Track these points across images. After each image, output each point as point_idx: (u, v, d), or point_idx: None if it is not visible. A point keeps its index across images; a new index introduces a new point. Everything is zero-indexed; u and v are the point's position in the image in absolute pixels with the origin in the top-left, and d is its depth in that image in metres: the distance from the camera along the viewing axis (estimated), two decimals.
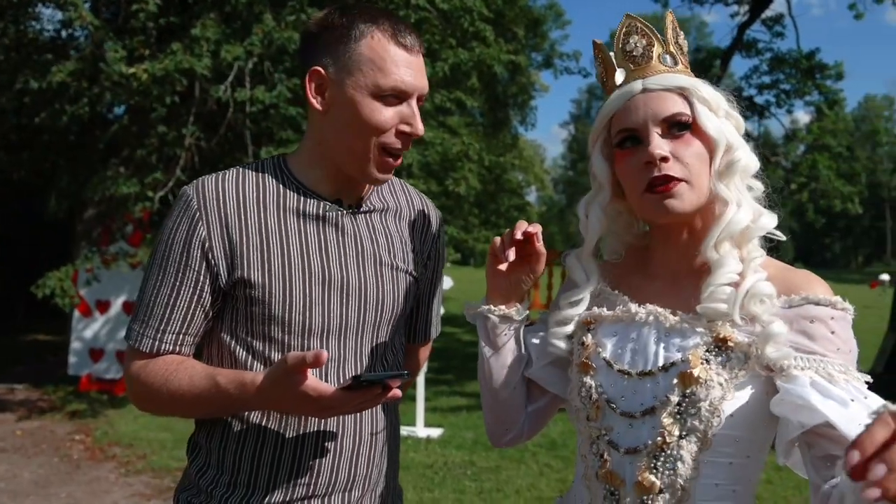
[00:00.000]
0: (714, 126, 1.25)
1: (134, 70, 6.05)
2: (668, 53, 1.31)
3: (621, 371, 1.26)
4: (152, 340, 1.42)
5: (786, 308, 1.21)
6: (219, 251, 1.41)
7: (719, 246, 1.24)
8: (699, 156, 1.25)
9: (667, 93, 1.26)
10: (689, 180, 1.24)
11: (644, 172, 1.24)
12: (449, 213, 10.67)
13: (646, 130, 1.25)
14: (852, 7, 15.94)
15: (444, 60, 6.51)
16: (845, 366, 1.16)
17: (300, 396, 1.26)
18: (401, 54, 1.39)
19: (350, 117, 1.40)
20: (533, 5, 15.76)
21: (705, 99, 1.26)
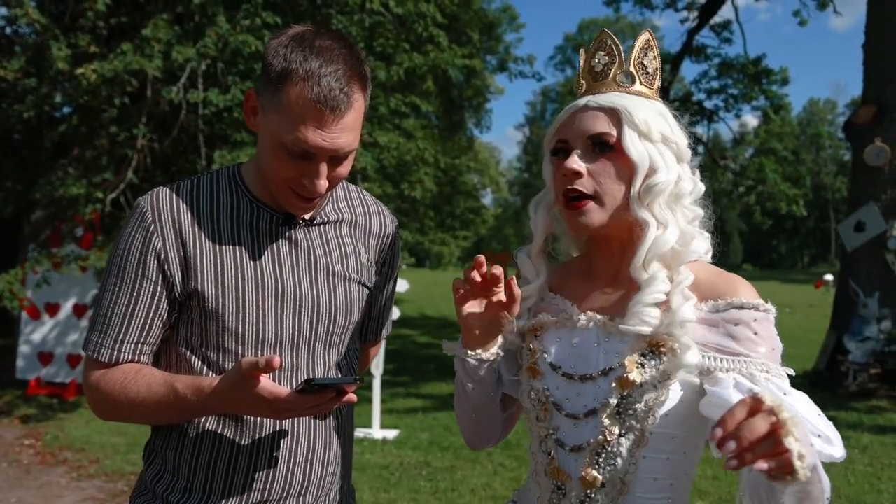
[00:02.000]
0: (637, 149, 1.30)
1: (83, 70, 5.96)
2: (626, 73, 1.37)
3: (566, 375, 1.34)
4: (111, 350, 1.44)
5: (712, 313, 1.28)
6: (174, 262, 1.42)
7: (647, 265, 1.30)
8: (615, 176, 1.31)
9: (600, 112, 1.32)
10: (599, 198, 1.31)
11: (561, 183, 1.33)
12: (405, 216, 10.71)
13: (573, 145, 1.33)
14: (797, 14, 16.44)
15: (399, 65, 6.55)
16: (767, 364, 1.24)
17: (256, 399, 1.29)
18: (313, 116, 1.32)
19: (264, 151, 1.41)
20: (487, 8, 15.88)
21: (636, 123, 1.30)
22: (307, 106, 1.32)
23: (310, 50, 1.34)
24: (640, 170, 1.30)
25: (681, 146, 1.36)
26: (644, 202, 1.31)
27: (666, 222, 1.31)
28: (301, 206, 1.45)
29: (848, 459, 6.03)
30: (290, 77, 1.32)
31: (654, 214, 1.30)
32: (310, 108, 1.32)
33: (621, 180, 1.31)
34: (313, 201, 1.44)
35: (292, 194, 1.42)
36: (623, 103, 1.32)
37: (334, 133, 1.35)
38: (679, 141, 1.36)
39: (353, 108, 1.36)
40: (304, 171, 1.37)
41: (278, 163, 1.38)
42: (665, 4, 17.23)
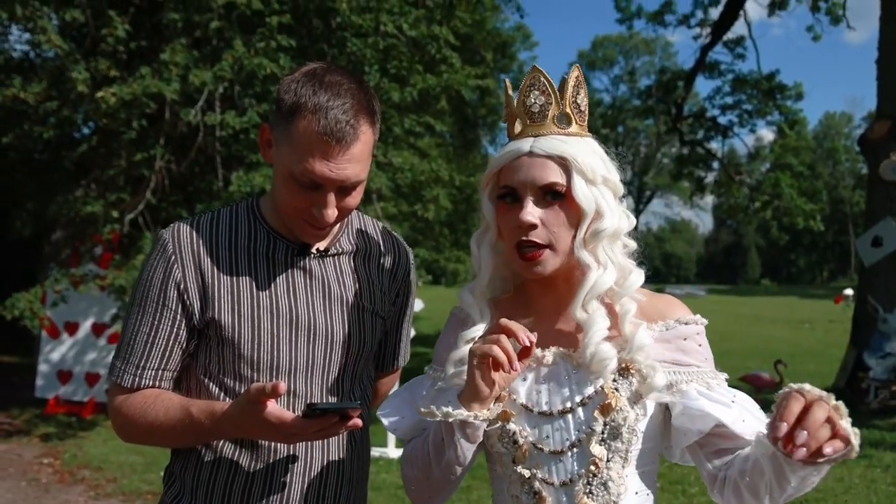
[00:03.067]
0: (585, 196, 1.34)
1: (102, 93, 6.07)
2: (563, 115, 1.39)
3: (542, 413, 1.35)
4: (133, 377, 1.50)
5: (664, 331, 1.38)
6: (193, 292, 1.49)
7: (587, 305, 1.35)
8: (566, 224, 1.35)
9: (549, 160, 1.35)
10: (553, 246, 1.35)
11: (516, 231, 1.36)
12: (420, 234, 10.74)
13: (523, 193, 1.36)
14: (810, 29, 16.41)
15: (412, 86, 6.62)
16: (714, 372, 1.38)
17: (263, 423, 1.34)
18: (320, 149, 1.37)
19: (277, 181, 1.47)
20: (501, 28, 15.98)
21: (582, 170, 1.35)
22: (314, 138, 1.37)
23: (319, 84, 1.40)
24: (588, 216, 1.35)
25: (616, 183, 1.40)
26: (588, 246, 1.36)
27: (606, 263, 1.36)
28: (313, 235, 1.50)
29: (870, 478, 5.96)
30: (300, 110, 1.38)
31: (595, 257, 1.36)
32: (317, 140, 1.37)
33: (570, 226, 1.36)
34: (324, 230, 1.49)
35: (304, 223, 1.47)
36: (569, 151, 1.35)
37: (341, 164, 1.39)
38: (614, 178, 1.40)
39: (359, 140, 1.41)
40: (313, 200, 1.42)
41: (289, 193, 1.43)
42: (678, 21, 17.27)
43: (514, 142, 1.41)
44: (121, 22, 6.23)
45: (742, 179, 18.38)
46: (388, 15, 6.41)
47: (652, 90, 18.89)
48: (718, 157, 18.21)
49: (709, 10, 16.70)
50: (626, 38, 51.65)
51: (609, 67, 58.48)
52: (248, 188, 6.01)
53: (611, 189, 1.39)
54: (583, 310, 1.35)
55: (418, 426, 1.46)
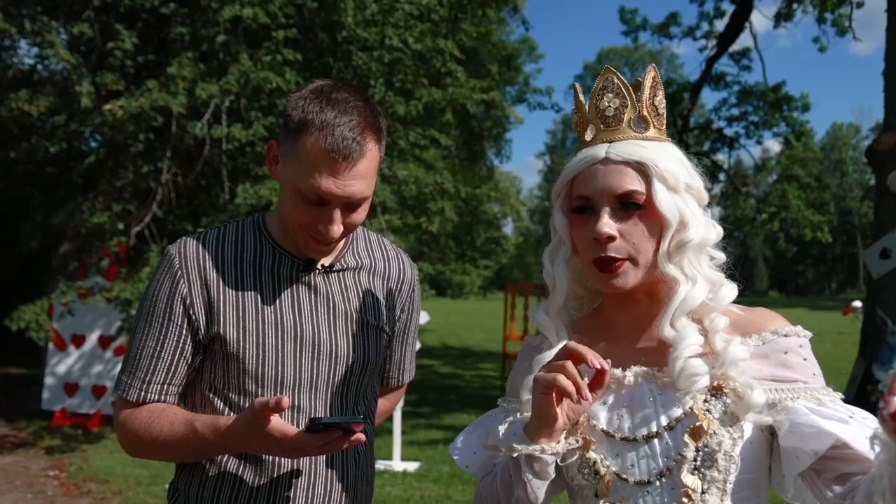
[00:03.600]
0: (668, 204, 1.24)
1: (109, 106, 6.11)
2: (640, 118, 1.30)
3: (624, 439, 1.23)
4: (138, 391, 1.51)
5: (761, 345, 1.25)
6: (199, 307, 1.50)
7: (675, 322, 1.24)
8: (647, 235, 1.25)
9: (625, 167, 1.25)
10: (633, 259, 1.25)
11: (592, 245, 1.25)
12: (426, 246, 10.77)
13: (599, 203, 1.25)
14: (816, 40, 16.40)
15: (418, 99, 6.64)
16: (825, 388, 1.23)
17: (267, 438, 1.35)
18: (327, 164, 1.39)
19: (284, 197, 1.48)
20: (506, 40, 16.04)
21: (663, 176, 1.24)
22: (321, 154, 1.38)
23: (326, 101, 1.41)
24: (671, 226, 1.24)
25: (701, 191, 1.31)
26: (673, 259, 1.25)
27: (695, 277, 1.26)
28: (318, 250, 1.51)
29: None
30: (307, 127, 1.40)
31: (683, 270, 1.25)
32: (323, 157, 1.38)
33: (652, 238, 1.25)
34: (330, 246, 1.50)
35: (309, 239, 1.48)
36: (648, 156, 1.25)
37: (347, 181, 1.40)
38: (698, 185, 1.30)
39: (365, 157, 1.42)
40: (319, 216, 1.43)
41: (296, 209, 1.44)
42: (683, 34, 17.30)
43: (586, 149, 1.31)
44: (129, 35, 6.27)
45: (749, 191, 18.35)
46: (394, 29, 6.44)
47: None
48: (725, 169, 18.19)
49: (714, 23, 16.73)
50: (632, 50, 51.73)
51: None
52: (253, 201, 6.03)
53: (695, 197, 1.29)
54: (671, 327, 1.24)
55: (489, 463, 1.37)
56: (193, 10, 6.59)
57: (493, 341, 17.76)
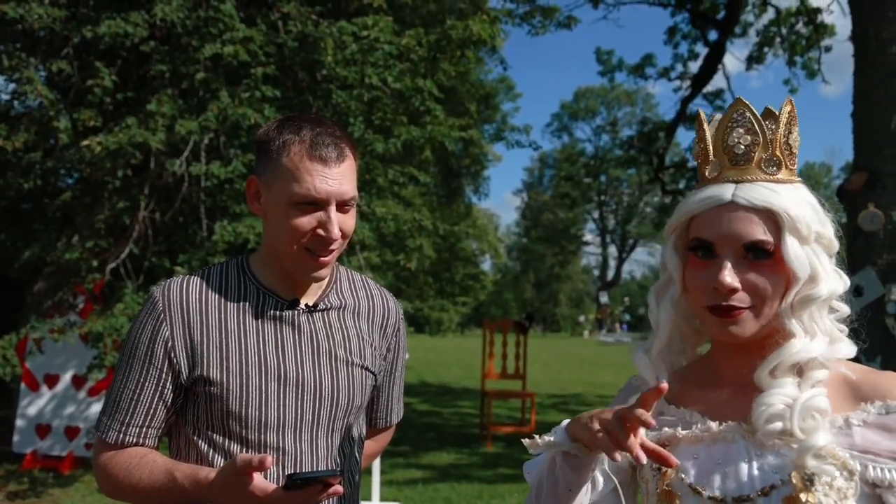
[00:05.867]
0: (798, 257, 1.15)
1: (87, 142, 6.09)
2: (772, 158, 1.19)
3: (713, 498, 1.15)
4: (117, 433, 1.51)
5: (883, 414, 1.12)
6: (181, 350, 1.50)
7: (776, 371, 1.17)
8: (772, 287, 1.16)
9: (754, 213, 1.16)
10: (754, 308, 1.17)
11: (711, 293, 1.17)
12: (404, 283, 10.76)
13: (722, 249, 1.17)
14: (787, 82, 16.82)
15: (396, 137, 6.70)
16: None
17: (248, 496, 1.34)
18: (315, 166, 1.47)
19: (276, 223, 1.52)
20: (484, 79, 16.27)
21: (795, 226, 1.15)
22: (309, 158, 1.47)
23: (301, 121, 1.52)
24: (800, 280, 1.16)
25: (831, 240, 1.21)
26: (796, 312, 1.17)
27: (814, 332, 1.17)
28: (317, 266, 1.53)
29: None
30: (289, 143, 1.48)
31: (803, 323, 1.17)
32: (312, 160, 1.47)
33: (777, 289, 1.16)
34: (329, 258, 1.53)
35: (308, 256, 1.51)
36: (779, 203, 1.16)
37: (337, 178, 1.48)
38: (829, 233, 1.20)
39: (347, 158, 1.51)
40: (317, 221, 1.48)
41: (292, 224, 1.48)
42: (658, 74, 17.67)
43: (710, 187, 1.21)
44: (107, 73, 6.27)
45: None
46: (373, 68, 6.51)
47: (634, 140, 19.21)
48: None
49: (688, 64, 17.12)
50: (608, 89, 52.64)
51: (591, 118, 59.40)
52: (231, 238, 6.00)
53: (824, 247, 1.20)
54: (769, 376, 1.16)
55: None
56: (174, 48, 6.62)
57: (471, 378, 17.67)
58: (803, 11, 15.30)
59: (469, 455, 8.93)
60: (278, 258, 1.56)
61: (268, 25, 6.68)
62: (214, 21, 6.20)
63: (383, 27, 6.54)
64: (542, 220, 62.89)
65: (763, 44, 16.45)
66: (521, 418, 10.33)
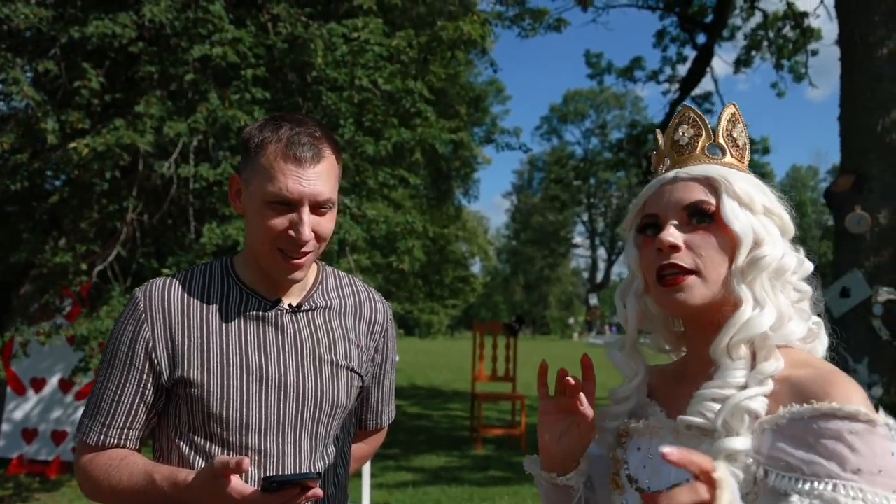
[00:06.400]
0: (737, 217, 1.17)
1: (75, 144, 6.04)
2: (715, 145, 1.25)
3: (639, 490, 1.19)
4: (98, 434, 1.49)
5: (793, 421, 1.06)
6: (161, 351, 1.49)
7: (733, 349, 1.14)
8: (717, 248, 1.17)
9: (694, 182, 1.20)
10: (700, 272, 1.16)
11: (655, 260, 1.19)
12: (394, 286, 10.75)
13: (665, 217, 1.20)
14: (774, 85, 16.95)
15: (387, 139, 6.68)
16: (864, 490, 0.99)
17: (226, 498, 1.32)
18: (289, 166, 1.44)
19: (252, 222, 1.50)
20: (474, 82, 16.29)
21: (737, 193, 1.18)
22: (283, 157, 1.44)
23: (282, 120, 1.50)
24: (745, 242, 1.16)
25: (784, 220, 1.24)
26: (746, 278, 1.16)
27: (764, 302, 1.16)
28: (290, 267, 1.50)
29: None
30: (267, 141, 1.46)
31: (753, 292, 1.16)
32: (286, 159, 1.44)
33: (723, 253, 1.17)
34: (302, 260, 1.50)
35: (280, 257, 1.48)
36: (719, 172, 1.20)
37: (311, 179, 1.45)
38: (780, 213, 1.23)
39: (325, 158, 1.48)
40: (289, 221, 1.45)
41: (265, 223, 1.46)
42: (647, 77, 17.77)
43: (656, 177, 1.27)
44: (95, 74, 6.23)
45: None
46: (364, 69, 6.49)
47: (623, 143, 19.29)
48: None
49: (676, 67, 17.22)
50: (597, 92, 52.85)
51: (580, 121, 59.61)
52: (220, 240, 5.96)
53: (776, 224, 1.21)
54: (726, 352, 1.14)
55: None
56: (162, 49, 6.58)
57: (461, 381, 17.65)
58: (790, 15, 15.41)
59: (459, 458, 8.92)
60: (258, 260, 1.54)
61: (257, 27, 6.65)
62: (203, 22, 6.17)
63: (373, 29, 6.53)
64: (531, 223, 63.02)
65: (751, 47, 16.56)
66: (512, 421, 10.32)
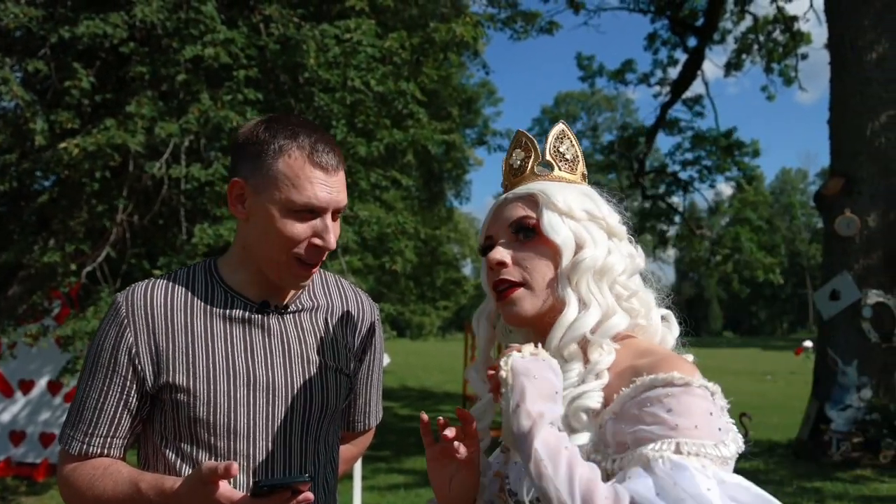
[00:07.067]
0: (555, 226, 1.25)
1: (65, 144, 6.00)
2: (544, 163, 1.33)
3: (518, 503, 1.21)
4: (80, 443, 1.46)
5: (626, 401, 1.13)
6: (145, 357, 1.45)
7: (564, 349, 1.21)
8: (541, 259, 1.25)
9: (518, 201, 1.30)
10: (528, 284, 1.25)
11: (490, 278, 1.29)
12: (385, 287, 10.73)
13: (496, 237, 1.30)
14: (765, 89, 17.04)
15: (379, 140, 6.67)
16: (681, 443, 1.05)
17: (214, 503, 1.30)
18: (316, 173, 1.43)
19: (266, 228, 1.46)
20: (466, 84, 16.29)
21: (552, 202, 1.26)
22: (311, 165, 1.43)
23: (293, 124, 1.47)
24: (566, 250, 1.25)
25: (610, 223, 1.30)
26: (571, 281, 1.24)
27: (589, 302, 1.23)
28: (307, 275, 1.50)
29: None
30: (286, 149, 1.44)
31: (579, 293, 1.23)
32: (313, 167, 1.43)
33: (549, 263, 1.26)
34: (315, 268, 1.50)
35: (298, 265, 1.47)
36: (538, 187, 1.29)
37: (336, 186, 1.46)
38: (608, 218, 1.30)
39: (342, 166, 1.50)
40: (313, 229, 1.45)
41: (287, 231, 1.44)
42: (638, 80, 17.84)
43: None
44: (85, 74, 6.19)
45: (703, 233, 18.78)
46: (356, 71, 6.47)
47: (614, 146, 19.37)
48: (680, 212, 18.59)
49: (668, 70, 17.29)
50: (589, 95, 52.96)
51: (572, 123, 59.63)
52: (211, 241, 5.93)
53: (601, 227, 1.29)
54: (559, 353, 1.21)
55: None
56: (154, 49, 6.55)
57: (452, 382, 17.64)
58: (780, 19, 15.51)
59: None
60: (258, 263, 1.50)
61: (249, 27, 6.63)
62: (195, 22, 6.14)
63: (366, 30, 6.51)
64: None
65: (741, 51, 16.65)
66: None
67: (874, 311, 8.98)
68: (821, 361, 9.58)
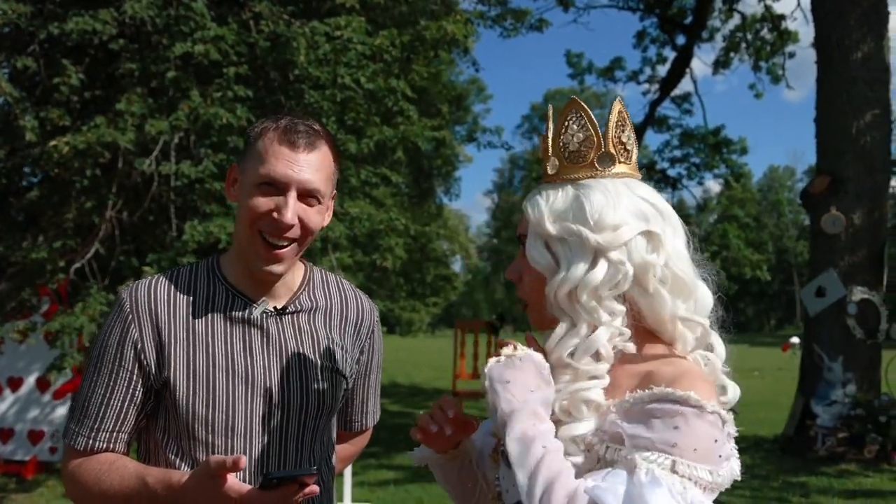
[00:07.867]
0: (539, 260, 1.26)
1: (55, 142, 5.98)
2: (605, 155, 1.25)
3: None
4: (86, 439, 1.46)
5: (637, 402, 1.14)
6: (150, 351, 1.47)
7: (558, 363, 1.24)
8: (533, 279, 1.29)
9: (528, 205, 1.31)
10: (531, 304, 1.32)
11: None
12: (376, 283, 10.75)
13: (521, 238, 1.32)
14: (752, 87, 17.13)
15: (369, 137, 6.68)
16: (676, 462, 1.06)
17: (222, 497, 1.31)
18: (283, 149, 1.46)
19: (240, 205, 1.51)
20: (456, 81, 16.31)
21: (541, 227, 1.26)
22: (276, 141, 1.46)
23: (286, 114, 1.52)
24: (547, 275, 1.26)
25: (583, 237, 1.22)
26: (558, 301, 1.24)
27: (577, 320, 1.23)
28: (271, 257, 1.48)
29: None
30: (266, 129, 1.48)
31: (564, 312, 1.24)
32: (279, 143, 1.46)
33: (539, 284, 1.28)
34: (283, 250, 1.48)
35: (261, 242, 1.47)
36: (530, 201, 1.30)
37: (301, 165, 1.45)
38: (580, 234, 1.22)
39: (318, 149, 1.49)
40: (274, 204, 1.45)
41: (250, 204, 1.46)
42: (627, 77, 17.89)
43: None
44: (75, 71, 6.17)
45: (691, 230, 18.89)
46: (346, 68, 6.49)
47: None
48: None
49: (657, 68, 17.35)
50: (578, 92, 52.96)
51: None
52: (201, 238, 5.93)
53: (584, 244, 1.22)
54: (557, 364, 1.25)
55: None
56: (143, 46, 6.54)
57: (442, 379, 17.66)
58: (768, 18, 15.59)
59: None
60: (241, 252, 1.53)
61: (239, 25, 6.62)
62: (185, 19, 6.13)
63: (356, 27, 6.52)
64: (512, 221, 63.07)
65: (729, 49, 16.73)
66: None
67: (859, 307, 9.07)
68: (807, 358, 9.67)
